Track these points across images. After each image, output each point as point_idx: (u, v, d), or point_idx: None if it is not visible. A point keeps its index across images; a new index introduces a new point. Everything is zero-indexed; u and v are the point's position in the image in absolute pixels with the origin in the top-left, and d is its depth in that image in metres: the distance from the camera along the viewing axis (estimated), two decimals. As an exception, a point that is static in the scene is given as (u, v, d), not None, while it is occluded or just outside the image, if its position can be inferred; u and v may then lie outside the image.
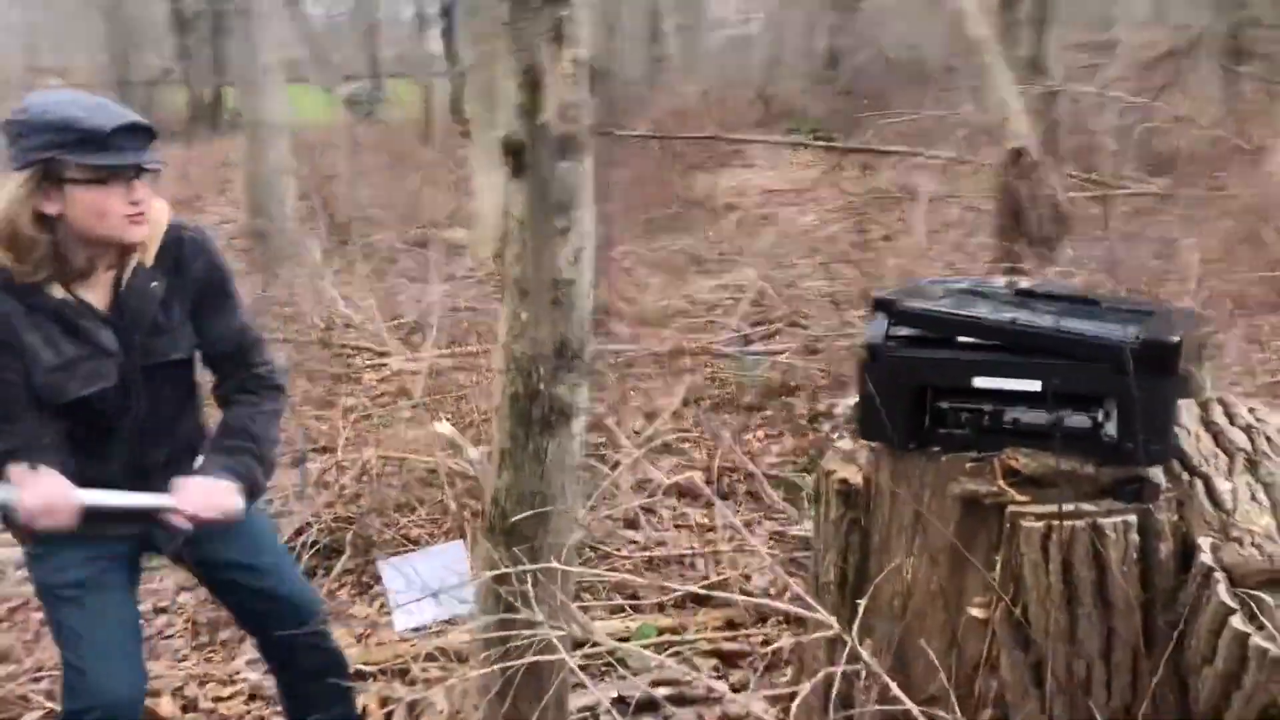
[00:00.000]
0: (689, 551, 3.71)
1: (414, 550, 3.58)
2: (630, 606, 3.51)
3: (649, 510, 4.19)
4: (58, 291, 2.06)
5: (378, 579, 3.55)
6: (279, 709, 2.95)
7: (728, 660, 3.17)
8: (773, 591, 3.43)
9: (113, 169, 1.98)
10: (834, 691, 1.87)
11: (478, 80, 7.27)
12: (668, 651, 3.03)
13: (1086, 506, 1.65)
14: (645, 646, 3.06)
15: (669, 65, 19.77)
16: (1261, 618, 1.52)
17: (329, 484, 3.86)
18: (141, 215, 2.06)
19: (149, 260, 2.13)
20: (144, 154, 2.04)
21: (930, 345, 1.80)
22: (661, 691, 2.92)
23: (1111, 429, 1.68)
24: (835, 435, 2.10)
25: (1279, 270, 5.45)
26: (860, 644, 1.93)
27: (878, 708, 1.70)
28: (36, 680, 3.17)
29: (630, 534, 4.03)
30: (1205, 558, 1.56)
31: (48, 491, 2.05)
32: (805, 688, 1.62)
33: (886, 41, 17.50)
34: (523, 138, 2.23)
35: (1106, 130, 8.81)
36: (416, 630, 3.32)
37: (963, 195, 8.96)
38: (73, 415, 2.11)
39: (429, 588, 3.16)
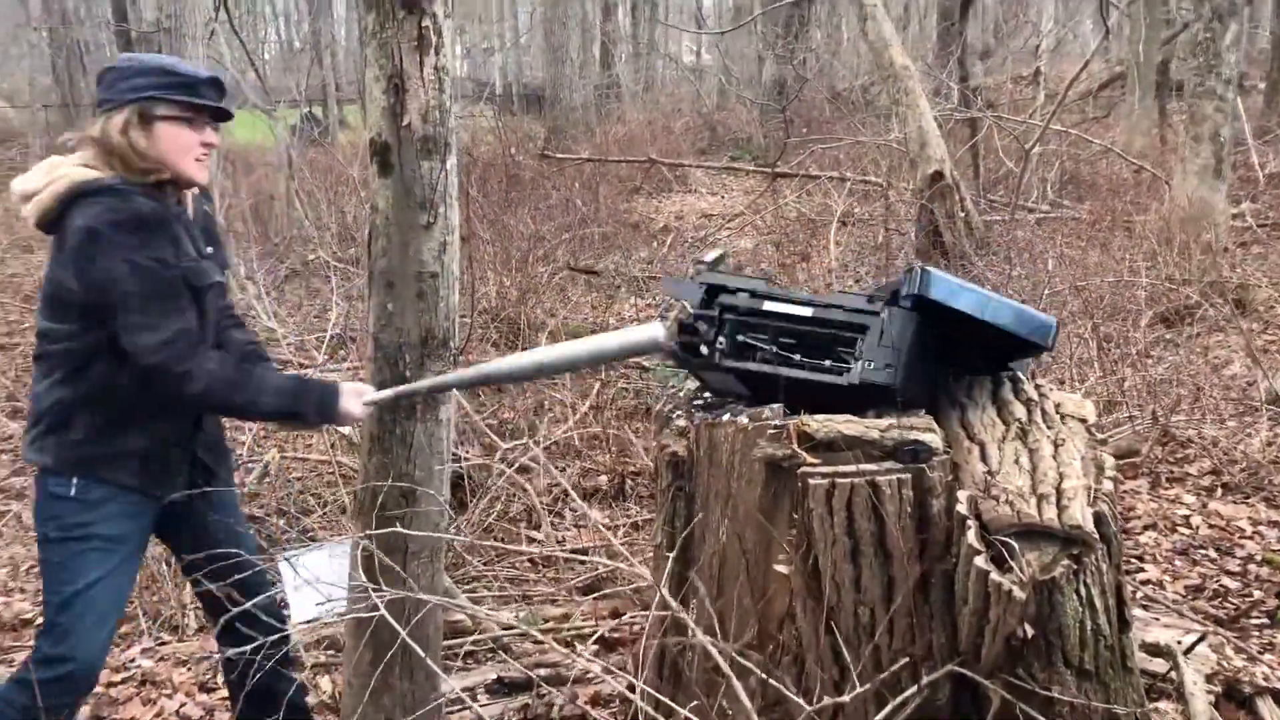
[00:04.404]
0: (575, 549, 3.84)
1: (313, 546, 3.68)
2: (524, 599, 3.65)
3: (555, 512, 4.34)
4: (175, 204, 2.40)
5: (277, 574, 3.65)
6: (168, 692, 3.06)
7: (608, 645, 3.30)
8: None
9: (198, 109, 2.34)
10: (659, 642, 2.04)
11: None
12: (550, 636, 3.17)
13: (867, 466, 1.82)
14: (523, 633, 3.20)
15: (619, 93, 20.06)
16: (1010, 561, 1.69)
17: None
18: (209, 157, 2.42)
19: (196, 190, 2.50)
20: (221, 102, 2.41)
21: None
22: (540, 673, 3.05)
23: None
24: (675, 415, 2.26)
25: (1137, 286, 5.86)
26: (686, 601, 2.10)
27: (677, 646, 1.85)
28: None
29: (533, 533, 4.17)
30: (960, 508, 1.73)
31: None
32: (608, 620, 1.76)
33: (833, 71, 17.94)
34: (388, 139, 2.39)
35: (1032, 157, 9.12)
36: (310, 621, 3.42)
37: (891, 217, 9.23)
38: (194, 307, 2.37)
39: (323, 581, 3.28)
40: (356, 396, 2.40)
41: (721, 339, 2.13)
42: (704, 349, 2.14)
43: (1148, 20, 12.82)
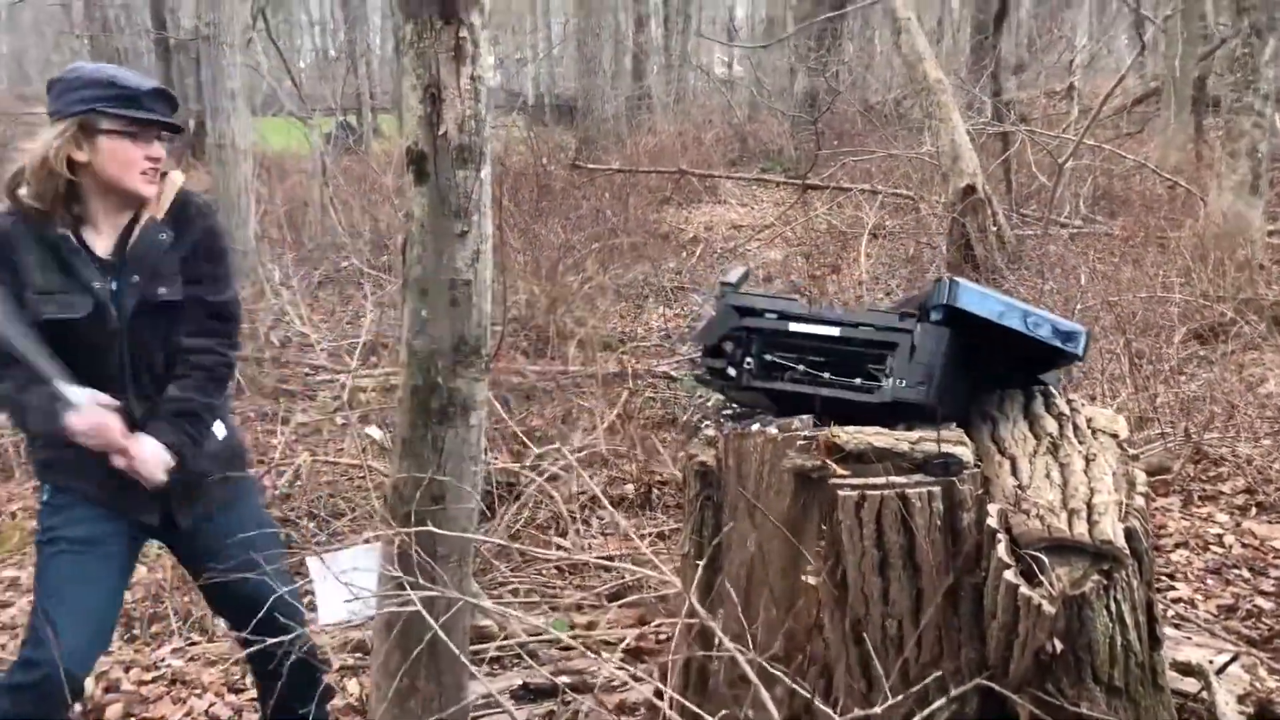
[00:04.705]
0: (602, 557, 3.85)
1: (341, 548, 3.71)
2: (549, 605, 3.66)
3: (582, 519, 4.35)
4: (60, 228, 2.31)
5: (307, 575, 3.68)
6: (198, 691, 3.09)
7: (634, 654, 3.31)
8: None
9: (143, 123, 2.29)
10: (686, 648, 2.04)
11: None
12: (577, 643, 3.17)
13: (897, 479, 1.82)
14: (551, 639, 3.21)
15: (651, 104, 20.11)
16: (1040, 575, 1.69)
17: (264, 488, 4.00)
18: (156, 172, 2.34)
19: (159, 215, 2.40)
20: (168, 115, 2.36)
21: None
22: (565, 679, 3.06)
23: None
24: (704, 424, 2.26)
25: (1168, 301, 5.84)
26: (714, 611, 2.10)
27: (704, 654, 1.85)
28: None
29: (560, 540, 4.19)
30: (991, 522, 1.73)
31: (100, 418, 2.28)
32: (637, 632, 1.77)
33: (865, 84, 17.90)
34: (424, 147, 2.41)
35: (1065, 172, 9.06)
36: (339, 623, 3.45)
37: (922, 230, 9.20)
38: (56, 336, 2.29)
39: (352, 583, 3.30)
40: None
41: (749, 359, 2.13)
42: (731, 371, 2.13)
43: (1184, 35, 12.72)
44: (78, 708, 2.56)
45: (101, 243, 2.37)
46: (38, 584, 2.34)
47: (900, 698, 1.77)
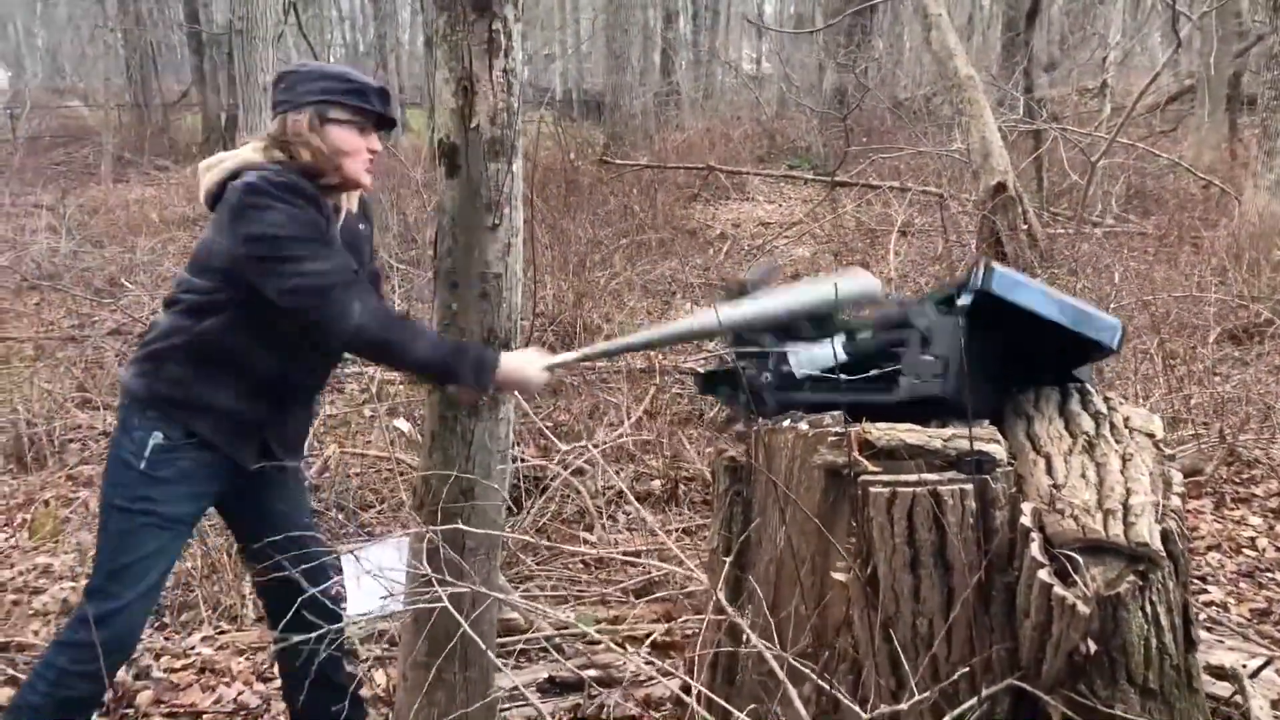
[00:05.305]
0: (628, 552, 3.85)
1: (371, 542, 3.74)
2: (575, 599, 3.67)
3: (608, 514, 4.35)
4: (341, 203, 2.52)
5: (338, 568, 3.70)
6: (227, 680, 3.12)
7: (660, 649, 3.30)
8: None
9: (369, 115, 2.46)
10: (713, 643, 2.04)
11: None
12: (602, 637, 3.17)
13: (929, 476, 1.80)
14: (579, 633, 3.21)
15: (679, 100, 20.07)
16: (1074, 575, 1.67)
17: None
18: (374, 164, 2.52)
19: (354, 208, 2.58)
20: (390, 113, 2.52)
21: None
22: (591, 673, 3.06)
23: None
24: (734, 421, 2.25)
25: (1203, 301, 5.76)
26: (742, 607, 2.09)
27: (732, 650, 1.85)
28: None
29: (586, 535, 4.19)
30: (1025, 520, 1.71)
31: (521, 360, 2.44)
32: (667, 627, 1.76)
33: (894, 81, 17.80)
34: (456, 140, 2.42)
35: (1097, 170, 8.97)
36: (368, 614, 3.46)
37: (952, 228, 9.14)
38: None
39: (380, 575, 3.32)
40: (526, 363, 2.43)
41: (767, 373, 2.13)
42: (750, 384, 2.13)
43: (1220, 32, 12.58)
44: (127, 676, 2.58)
45: None
46: (119, 543, 2.34)
47: (929, 694, 1.76)
